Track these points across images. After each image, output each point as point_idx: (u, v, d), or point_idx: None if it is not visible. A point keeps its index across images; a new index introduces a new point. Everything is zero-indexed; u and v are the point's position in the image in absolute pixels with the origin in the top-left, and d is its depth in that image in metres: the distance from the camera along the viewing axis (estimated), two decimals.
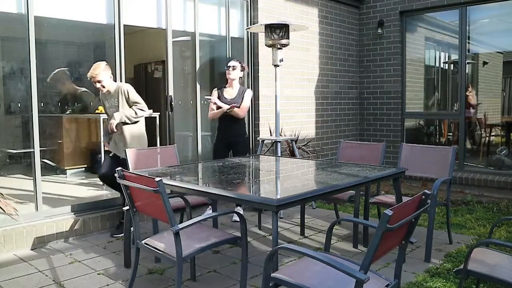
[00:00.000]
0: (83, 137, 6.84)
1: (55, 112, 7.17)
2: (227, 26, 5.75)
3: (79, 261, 3.60)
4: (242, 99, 4.82)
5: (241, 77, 4.98)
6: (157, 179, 2.45)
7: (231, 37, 5.80)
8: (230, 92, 4.89)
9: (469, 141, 6.84)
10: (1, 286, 3.12)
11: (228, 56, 5.81)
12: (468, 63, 6.61)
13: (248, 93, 4.91)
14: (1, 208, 3.63)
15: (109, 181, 4.23)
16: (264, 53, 5.78)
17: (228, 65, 4.88)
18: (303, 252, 2.06)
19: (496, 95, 6.87)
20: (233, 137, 4.86)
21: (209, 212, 4.60)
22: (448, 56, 7.30)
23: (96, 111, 6.14)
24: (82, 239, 4.16)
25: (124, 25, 4.60)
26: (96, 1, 4.56)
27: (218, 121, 4.94)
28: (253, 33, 5.80)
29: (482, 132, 6.86)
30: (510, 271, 2.27)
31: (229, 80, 4.90)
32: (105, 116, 4.80)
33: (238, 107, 4.77)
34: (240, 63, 4.92)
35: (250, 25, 5.78)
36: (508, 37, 6.51)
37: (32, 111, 4.00)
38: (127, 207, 3.05)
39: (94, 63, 4.21)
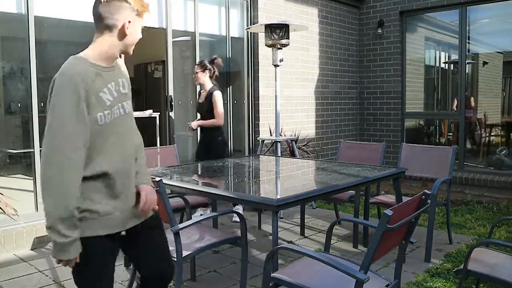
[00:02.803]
0: None
1: None
2: (227, 26, 5.75)
3: None
4: (212, 105, 4.54)
5: (215, 75, 4.67)
6: (157, 179, 2.46)
7: (231, 37, 5.80)
8: (202, 95, 4.71)
9: (469, 141, 6.84)
10: (1, 286, 3.12)
11: (228, 56, 5.81)
12: (468, 63, 6.61)
13: (216, 98, 4.54)
14: (1, 208, 3.63)
15: None
16: (264, 53, 5.77)
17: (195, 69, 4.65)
18: (303, 252, 2.06)
19: (496, 95, 6.87)
20: (209, 139, 4.67)
21: (199, 213, 4.59)
22: (448, 56, 7.30)
23: None
24: None
25: None
26: None
27: None
28: (253, 33, 5.80)
29: (482, 132, 6.86)
30: (510, 271, 2.27)
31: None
32: None
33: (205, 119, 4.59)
34: (201, 65, 4.60)
35: (250, 25, 5.78)
36: (508, 37, 6.51)
37: (32, 111, 4.00)
38: None
39: None
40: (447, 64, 7.36)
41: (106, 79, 1.73)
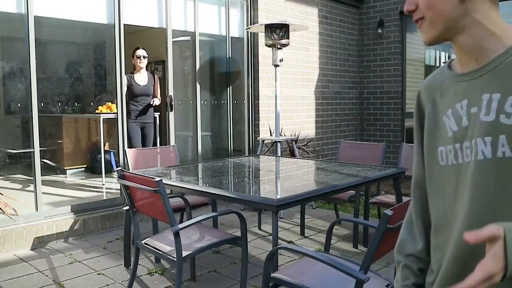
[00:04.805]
0: (83, 137, 6.84)
1: (55, 112, 7.17)
2: (227, 26, 5.75)
3: (79, 261, 3.60)
4: (154, 87, 5.32)
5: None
6: (157, 179, 2.46)
7: (231, 37, 5.80)
8: (141, 79, 5.25)
9: None
10: (1, 286, 3.12)
11: (228, 56, 5.81)
12: None
13: (157, 80, 5.42)
14: (1, 209, 3.63)
15: None
16: (264, 53, 5.77)
17: (138, 54, 5.20)
18: (303, 252, 2.06)
19: None
20: (146, 120, 5.26)
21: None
22: (448, 56, 7.30)
23: (96, 111, 6.13)
24: (82, 239, 4.16)
25: (124, 24, 4.60)
26: (96, 1, 4.56)
27: (130, 101, 5.13)
28: (253, 33, 5.80)
29: None
30: None
31: (137, 67, 5.25)
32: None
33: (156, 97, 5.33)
34: (146, 53, 5.29)
35: (250, 25, 5.77)
36: None
37: (32, 111, 3.99)
38: (127, 207, 3.05)
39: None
40: None
41: (456, 93, 0.98)
